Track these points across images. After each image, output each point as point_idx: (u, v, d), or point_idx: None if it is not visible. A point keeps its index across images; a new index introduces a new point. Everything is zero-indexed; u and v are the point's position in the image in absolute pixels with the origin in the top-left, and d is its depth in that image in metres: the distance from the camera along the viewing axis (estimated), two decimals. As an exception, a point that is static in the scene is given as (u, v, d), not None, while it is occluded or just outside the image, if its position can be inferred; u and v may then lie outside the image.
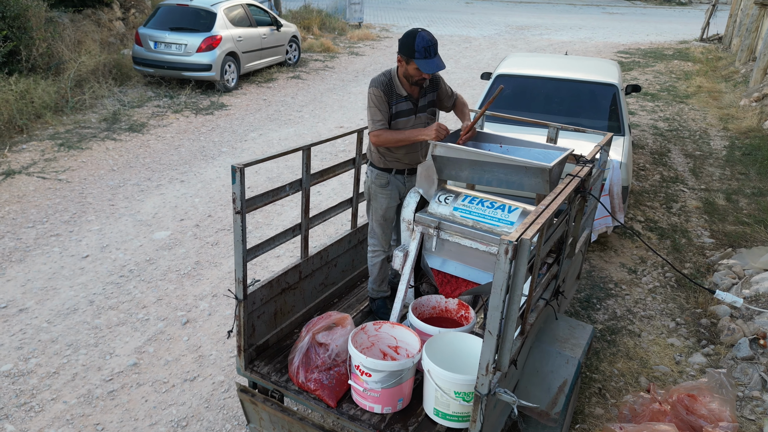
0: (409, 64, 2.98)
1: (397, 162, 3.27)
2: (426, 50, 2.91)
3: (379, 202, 3.31)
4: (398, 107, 3.13)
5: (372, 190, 3.31)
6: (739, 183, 7.30)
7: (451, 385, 2.43)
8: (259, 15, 11.77)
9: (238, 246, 2.65)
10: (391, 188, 3.29)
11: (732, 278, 4.92)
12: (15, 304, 4.37)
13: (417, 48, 2.90)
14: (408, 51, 2.93)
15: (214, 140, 8.14)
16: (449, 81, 12.27)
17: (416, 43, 2.90)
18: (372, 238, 3.41)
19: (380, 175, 3.26)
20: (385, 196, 3.29)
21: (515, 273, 2.05)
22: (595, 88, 5.84)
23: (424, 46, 2.90)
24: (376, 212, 3.34)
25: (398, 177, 3.30)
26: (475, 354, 2.57)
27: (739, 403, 3.68)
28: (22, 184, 6.38)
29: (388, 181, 3.27)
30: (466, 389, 2.42)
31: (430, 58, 2.93)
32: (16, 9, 8.62)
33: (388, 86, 3.09)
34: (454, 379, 2.42)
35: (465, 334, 2.75)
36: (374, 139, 3.10)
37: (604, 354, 4.12)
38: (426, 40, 2.91)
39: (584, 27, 23.34)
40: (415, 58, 2.92)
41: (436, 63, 2.94)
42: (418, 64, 2.92)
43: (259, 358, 2.96)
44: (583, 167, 2.88)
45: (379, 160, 3.25)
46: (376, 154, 3.25)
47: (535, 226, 2.10)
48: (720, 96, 11.93)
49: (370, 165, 3.32)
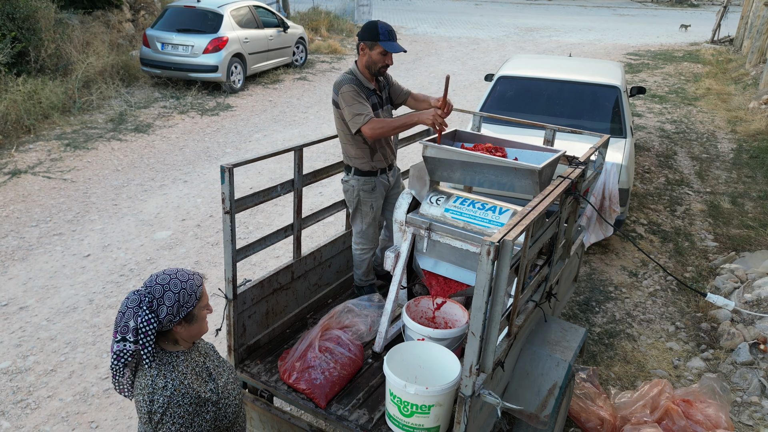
0: (373, 49, 3.10)
1: (382, 160, 3.29)
2: (389, 33, 3.10)
3: (368, 206, 3.31)
4: (371, 101, 3.16)
5: (361, 197, 3.29)
6: (745, 186, 7.22)
7: (402, 393, 2.40)
8: (265, 16, 11.83)
9: (227, 246, 2.66)
10: (377, 190, 3.30)
11: (734, 282, 4.87)
12: (16, 302, 4.42)
13: (381, 31, 3.08)
14: (372, 35, 3.09)
15: (218, 141, 8.19)
16: (456, 83, 12.26)
17: (379, 27, 3.10)
18: (361, 238, 3.40)
19: (367, 180, 3.26)
20: (374, 199, 3.30)
21: (498, 274, 2.04)
22: (597, 90, 5.80)
23: (387, 29, 3.10)
24: (366, 216, 3.34)
25: (382, 176, 3.33)
26: (440, 365, 2.60)
27: (737, 408, 3.64)
28: (28, 183, 6.45)
29: (374, 184, 3.28)
30: (418, 400, 2.39)
31: (393, 40, 3.11)
32: (26, 10, 8.73)
33: (357, 82, 3.13)
34: (399, 386, 2.38)
35: (435, 345, 2.73)
36: (369, 131, 3.02)
37: (601, 357, 4.09)
38: (386, 26, 3.11)
39: (594, 29, 23.21)
40: (380, 41, 3.07)
41: (397, 45, 3.13)
42: (383, 45, 3.07)
43: (250, 358, 2.96)
44: (575, 169, 2.87)
45: (365, 164, 3.23)
46: (362, 159, 3.22)
47: (519, 227, 2.09)
48: (729, 98, 11.81)
49: (354, 173, 3.27)
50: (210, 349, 1.98)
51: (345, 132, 3.20)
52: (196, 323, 1.80)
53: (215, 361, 1.94)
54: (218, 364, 1.95)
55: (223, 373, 1.93)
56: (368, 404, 2.70)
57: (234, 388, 1.94)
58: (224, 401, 1.86)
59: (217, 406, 1.83)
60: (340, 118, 3.17)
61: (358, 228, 3.40)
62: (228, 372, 1.96)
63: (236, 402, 1.92)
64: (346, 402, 2.70)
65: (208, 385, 1.83)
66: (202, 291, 1.79)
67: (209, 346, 2.00)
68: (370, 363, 2.98)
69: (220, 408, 1.84)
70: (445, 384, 2.41)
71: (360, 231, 3.39)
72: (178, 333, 1.78)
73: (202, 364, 1.88)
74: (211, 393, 1.82)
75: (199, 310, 1.79)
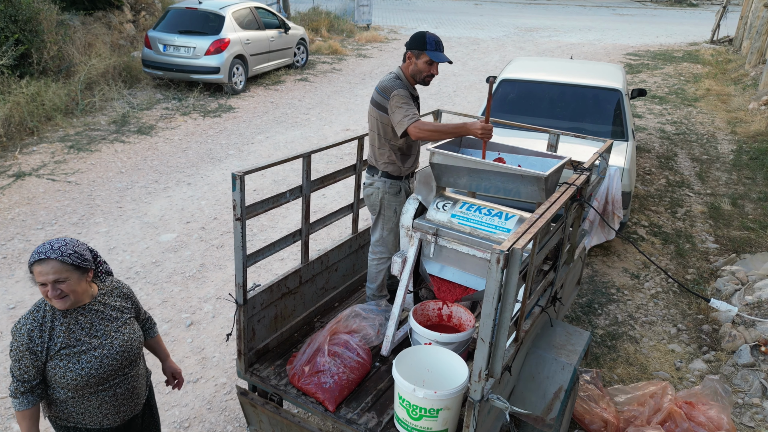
0: (419, 57, 3.15)
1: (412, 166, 3.35)
2: (436, 44, 3.16)
3: (392, 210, 3.34)
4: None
5: (386, 201, 3.31)
6: (745, 188, 7.26)
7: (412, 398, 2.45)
8: (267, 18, 11.86)
9: (238, 252, 2.70)
10: (402, 194, 3.34)
11: (735, 284, 4.91)
12: (23, 304, 4.46)
13: (428, 41, 3.13)
14: (420, 45, 3.14)
15: (221, 143, 8.22)
16: (456, 84, 12.30)
17: (427, 38, 3.15)
18: (380, 246, 3.41)
19: (393, 184, 3.29)
20: (399, 203, 3.33)
21: (507, 282, 2.08)
22: (599, 93, 5.85)
23: (434, 40, 3.16)
24: (390, 221, 3.36)
25: (406, 181, 3.37)
26: (448, 369, 2.64)
27: (738, 410, 3.69)
28: (32, 185, 6.48)
29: (400, 188, 3.32)
30: (426, 404, 2.43)
31: (440, 51, 3.16)
32: (28, 12, 8.75)
33: (406, 87, 3.19)
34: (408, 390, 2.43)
35: (442, 348, 2.77)
36: (416, 131, 3.00)
37: (604, 359, 4.13)
38: (435, 37, 3.17)
39: (594, 28, 23.25)
40: (427, 50, 3.12)
41: (444, 55, 3.18)
42: (430, 55, 3.12)
43: (259, 362, 3.01)
44: (580, 175, 2.91)
45: (395, 169, 3.27)
46: (394, 164, 3.25)
47: (527, 235, 2.13)
48: (729, 99, 11.86)
49: (381, 176, 3.29)
50: (101, 319, 2.17)
51: (381, 135, 3.23)
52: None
53: (97, 327, 2.15)
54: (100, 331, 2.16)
55: (102, 338, 2.14)
56: (377, 408, 2.75)
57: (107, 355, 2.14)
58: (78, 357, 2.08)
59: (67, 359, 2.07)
60: (380, 121, 3.20)
61: (378, 235, 3.40)
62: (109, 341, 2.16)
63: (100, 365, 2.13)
64: (355, 405, 2.74)
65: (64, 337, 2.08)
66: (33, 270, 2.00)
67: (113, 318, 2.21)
68: (377, 366, 3.02)
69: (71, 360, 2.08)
70: (453, 388, 2.45)
71: (380, 238, 3.40)
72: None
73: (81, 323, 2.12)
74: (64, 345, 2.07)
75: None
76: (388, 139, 3.22)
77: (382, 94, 3.16)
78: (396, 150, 3.24)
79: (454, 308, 3.09)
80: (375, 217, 3.40)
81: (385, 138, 3.22)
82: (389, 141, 3.22)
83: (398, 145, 3.23)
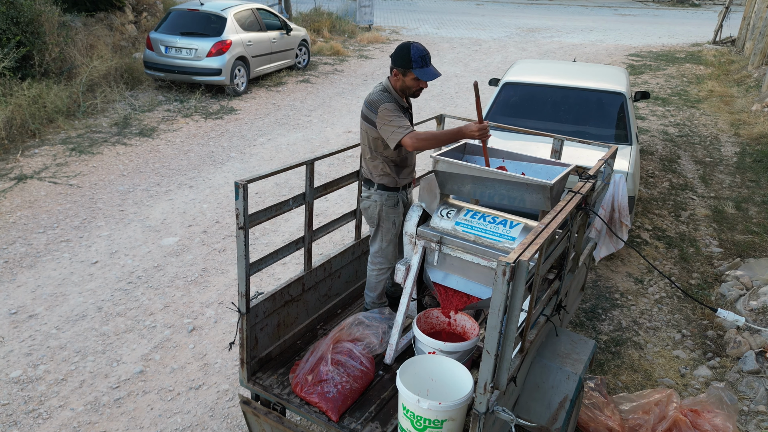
0: (406, 75, 3.03)
1: (408, 177, 3.28)
2: (422, 59, 2.99)
3: (391, 222, 3.28)
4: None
5: (384, 213, 3.25)
6: (749, 191, 7.23)
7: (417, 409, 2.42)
8: (268, 19, 11.84)
9: (241, 261, 2.68)
10: (400, 206, 3.28)
11: (739, 289, 4.89)
12: (25, 310, 4.44)
13: (413, 58, 2.97)
14: (404, 62, 2.99)
15: (223, 145, 8.21)
16: (458, 85, 12.27)
17: (411, 53, 2.97)
18: (380, 257, 3.36)
19: (390, 196, 3.22)
20: (397, 214, 3.27)
21: (513, 294, 2.06)
22: (602, 97, 5.82)
23: (419, 56, 2.98)
24: (389, 232, 3.30)
25: (403, 192, 3.31)
26: (452, 379, 2.62)
27: (744, 418, 3.66)
28: (34, 189, 6.47)
29: (398, 199, 3.26)
30: (431, 415, 2.41)
31: (427, 66, 3.01)
32: (30, 14, 8.74)
33: (394, 100, 3.08)
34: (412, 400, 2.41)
35: (447, 358, 2.75)
36: (411, 141, 2.91)
37: (608, 366, 4.11)
38: (420, 50, 2.99)
39: (596, 29, 23.20)
40: (413, 68, 2.98)
41: (432, 71, 3.03)
42: (417, 74, 2.99)
43: (262, 370, 2.99)
44: (585, 183, 2.89)
45: (391, 181, 3.20)
46: (389, 176, 3.19)
47: (533, 246, 2.11)
48: (732, 101, 11.82)
49: (378, 188, 3.22)
50: None
51: (373, 148, 3.15)
52: None
53: None
54: None
55: None
56: (380, 417, 2.73)
57: None
58: None
59: None
60: (369, 134, 3.11)
61: (378, 246, 3.34)
62: None
63: None
64: (359, 415, 2.72)
65: None
66: None
67: None
68: (381, 375, 3.00)
69: None
70: (458, 399, 2.43)
71: (379, 249, 3.34)
72: None
73: None
74: None
75: None
76: (379, 151, 3.14)
77: (370, 108, 3.06)
78: (389, 162, 3.16)
79: (458, 316, 3.07)
80: (374, 229, 3.35)
81: (376, 151, 3.14)
82: (381, 153, 3.14)
83: (391, 157, 3.14)
